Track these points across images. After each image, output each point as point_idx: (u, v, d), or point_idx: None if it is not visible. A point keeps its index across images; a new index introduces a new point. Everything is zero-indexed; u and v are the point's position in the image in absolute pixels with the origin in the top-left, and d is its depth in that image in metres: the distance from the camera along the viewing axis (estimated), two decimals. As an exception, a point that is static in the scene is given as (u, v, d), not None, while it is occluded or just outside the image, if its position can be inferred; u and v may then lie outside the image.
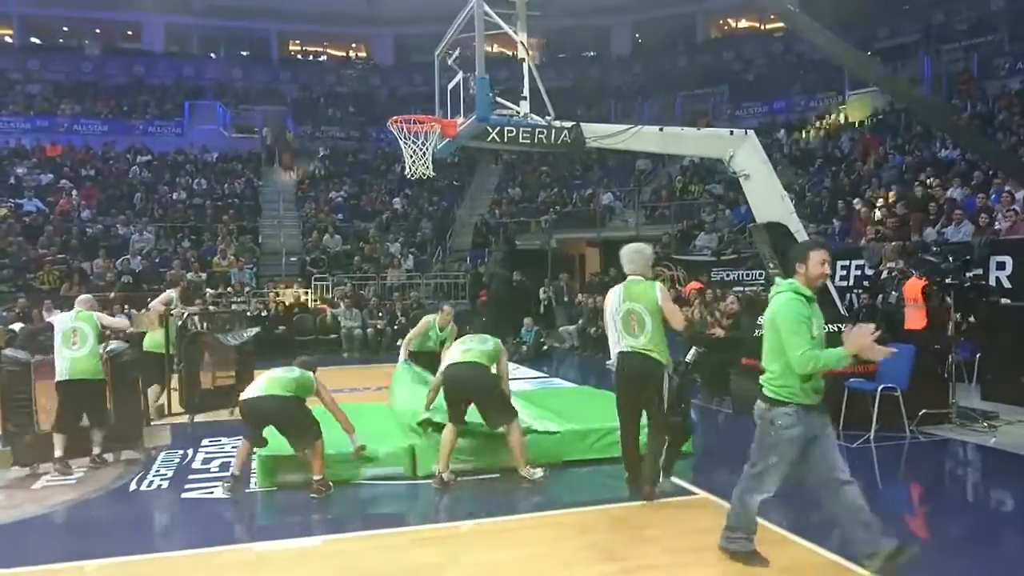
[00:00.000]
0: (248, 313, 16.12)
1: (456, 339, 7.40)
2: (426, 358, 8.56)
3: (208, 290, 16.99)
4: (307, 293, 18.46)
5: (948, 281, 8.31)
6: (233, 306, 16.69)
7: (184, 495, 6.31)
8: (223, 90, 31.27)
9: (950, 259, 8.39)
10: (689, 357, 6.44)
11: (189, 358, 9.11)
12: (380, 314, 17.00)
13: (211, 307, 13.38)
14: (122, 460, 7.45)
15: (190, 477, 6.77)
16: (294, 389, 6.13)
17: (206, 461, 7.32)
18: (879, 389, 7.72)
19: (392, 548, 5.08)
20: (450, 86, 7.96)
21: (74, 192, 23.17)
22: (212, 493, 6.27)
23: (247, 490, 6.35)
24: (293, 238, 22.60)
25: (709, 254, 16.62)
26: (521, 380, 11.76)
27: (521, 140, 7.72)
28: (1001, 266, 10.18)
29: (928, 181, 15.60)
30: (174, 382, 9.25)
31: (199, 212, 22.79)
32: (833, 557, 4.58)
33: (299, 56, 36.01)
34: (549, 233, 22.86)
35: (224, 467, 6.85)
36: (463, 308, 17.40)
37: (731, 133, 8.43)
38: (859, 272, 12.87)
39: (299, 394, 6.15)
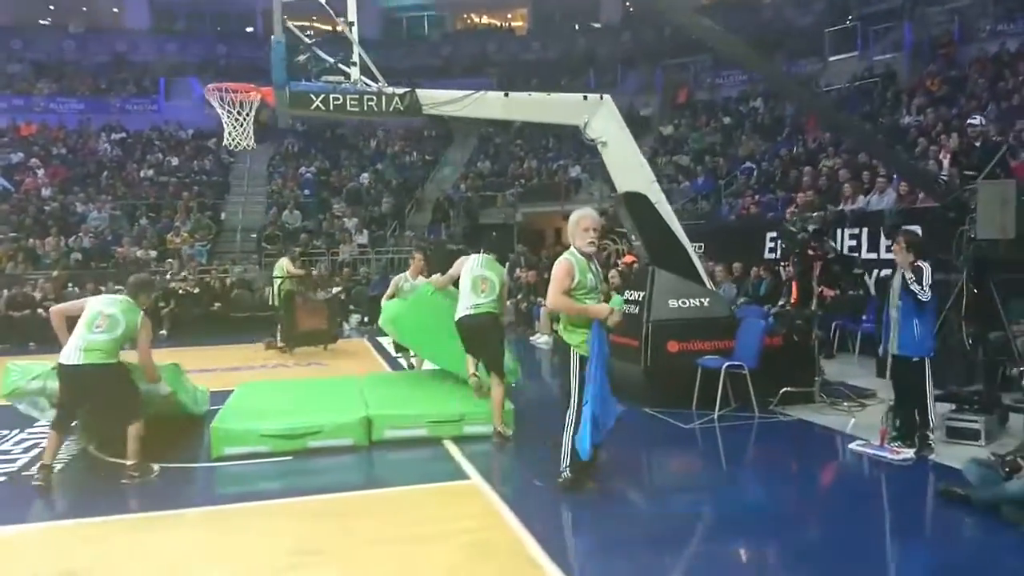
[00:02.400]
0: (180, 291, 16.08)
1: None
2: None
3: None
4: (246, 270, 18.28)
5: (811, 252, 7.84)
6: (172, 283, 16.65)
7: None
8: (206, 67, 31.09)
9: (808, 229, 7.90)
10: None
11: (287, 309, 12.93)
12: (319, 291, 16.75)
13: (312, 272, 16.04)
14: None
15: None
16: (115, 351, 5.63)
17: None
18: (724, 367, 7.32)
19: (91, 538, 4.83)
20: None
21: (40, 171, 23.19)
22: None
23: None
24: (257, 215, 22.43)
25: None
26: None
27: (349, 108, 7.34)
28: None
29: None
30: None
31: (162, 189, 22.71)
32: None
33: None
34: (515, 207, 22.49)
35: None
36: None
37: (585, 98, 7.96)
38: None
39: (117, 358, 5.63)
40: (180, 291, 16.08)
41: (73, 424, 6.27)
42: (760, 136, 20.72)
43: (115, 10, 34.59)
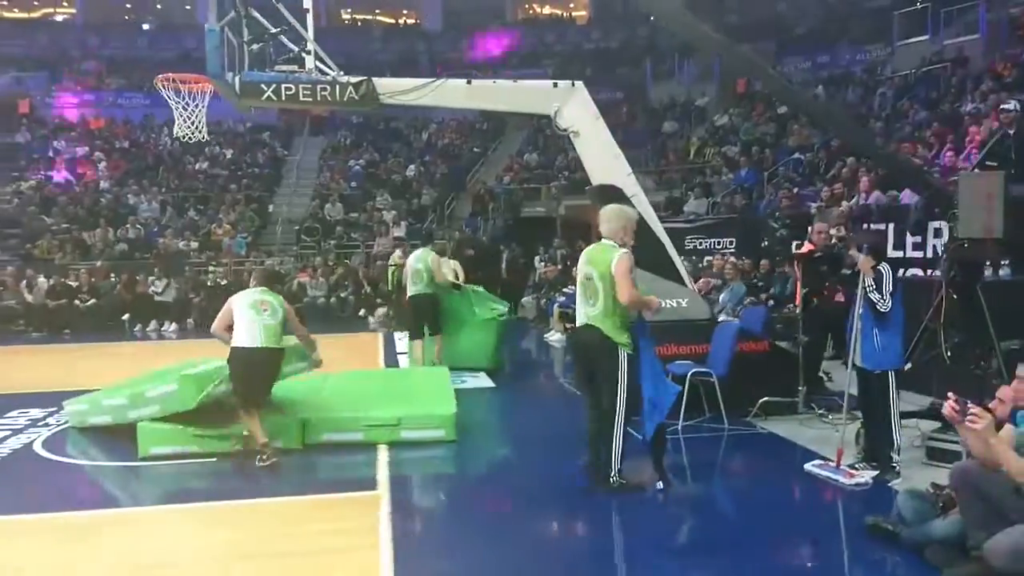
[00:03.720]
0: (208, 283, 16.33)
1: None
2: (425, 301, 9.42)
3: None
4: (282, 262, 18.45)
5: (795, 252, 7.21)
6: (208, 274, 16.94)
7: None
8: (267, 62, 31.65)
9: (787, 225, 7.26)
10: None
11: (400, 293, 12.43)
12: (346, 283, 16.77)
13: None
14: None
15: None
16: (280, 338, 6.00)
17: None
18: (690, 373, 6.78)
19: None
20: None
21: (102, 164, 24.02)
22: None
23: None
24: (302, 207, 22.65)
25: (684, 220, 15.40)
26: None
27: (302, 98, 7.14)
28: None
29: (931, 139, 13.88)
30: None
31: (213, 182, 23.17)
32: None
33: (348, 24, 36.16)
34: (558, 199, 22.01)
35: None
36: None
37: (555, 85, 7.52)
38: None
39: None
40: (208, 283, 16.30)
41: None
42: (815, 126, 19.62)
43: (187, 7, 35.67)
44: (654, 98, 26.97)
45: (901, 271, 9.51)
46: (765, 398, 7.15)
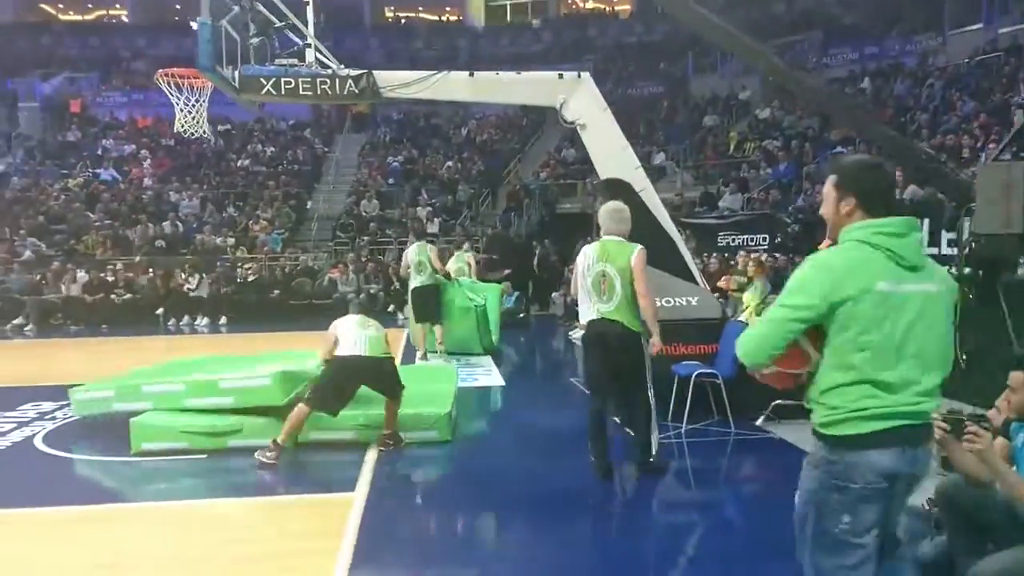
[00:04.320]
0: (238, 279, 16.48)
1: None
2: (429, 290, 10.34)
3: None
4: (316, 258, 18.56)
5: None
6: (238, 269, 17.10)
7: None
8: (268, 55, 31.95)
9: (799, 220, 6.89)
10: None
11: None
12: (376, 278, 16.76)
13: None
14: None
15: None
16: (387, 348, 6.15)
17: None
18: (694, 375, 6.51)
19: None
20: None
21: (147, 162, 24.51)
22: None
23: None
24: (340, 204, 22.76)
25: (717, 216, 14.99)
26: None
27: (302, 92, 7.04)
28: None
29: (975, 131, 13.28)
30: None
31: (253, 179, 23.44)
32: None
33: (391, 21, 36.33)
34: (593, 196, 21.70)
35: None
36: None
37: (560, 76, 7.29)
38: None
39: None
40: (238, 279, 16.46)
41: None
42: (819, 112, 18.92)
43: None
44: (696, 92, 26.44)
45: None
46: (777, 401, 6.83)
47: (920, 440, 2.42)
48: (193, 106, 7.23)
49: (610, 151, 7.34)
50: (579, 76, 7.27)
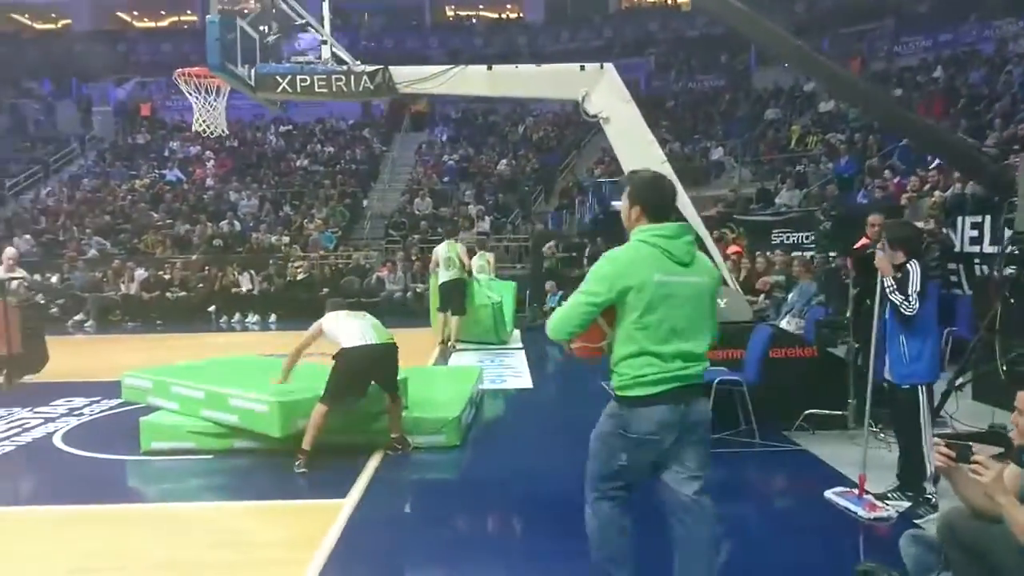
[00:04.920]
0: (288, 279, 16.64)
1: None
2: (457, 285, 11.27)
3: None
4: (367, 256, 18.62)
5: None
6: (289, 267, 17.27)
7: None
8: (372, 59, 32.24)
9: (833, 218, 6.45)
10: None
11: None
12: (419, 277, 16.69)
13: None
14: None
15: None
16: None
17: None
18: (715, 381, 6.14)
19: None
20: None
21: (210, 162, 25.09)
22: None
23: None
24: (394, 202, 22.85)
25: (772, 213, 14.38)
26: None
27: (318, 89, 6.96)
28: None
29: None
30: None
31: (310, 178, 23.73)
32: None
33: (452, 20, 36.41)
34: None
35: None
36: (518, 272, 16.67)
37: (582, 68, 7.01)
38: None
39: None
40: (288, 279, 16.62)
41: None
42: (931, 109, 18.02)
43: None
44: (758, 84, 25.62)
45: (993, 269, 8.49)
46: (810, 410, 6.43)
47: (690, 398, 3.02)
48: (211, 105, 7.17)
49: (634, 145, 7.05)
50: (601, 67, 6.98)
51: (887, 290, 4.54)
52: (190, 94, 7.18)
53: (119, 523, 4.71)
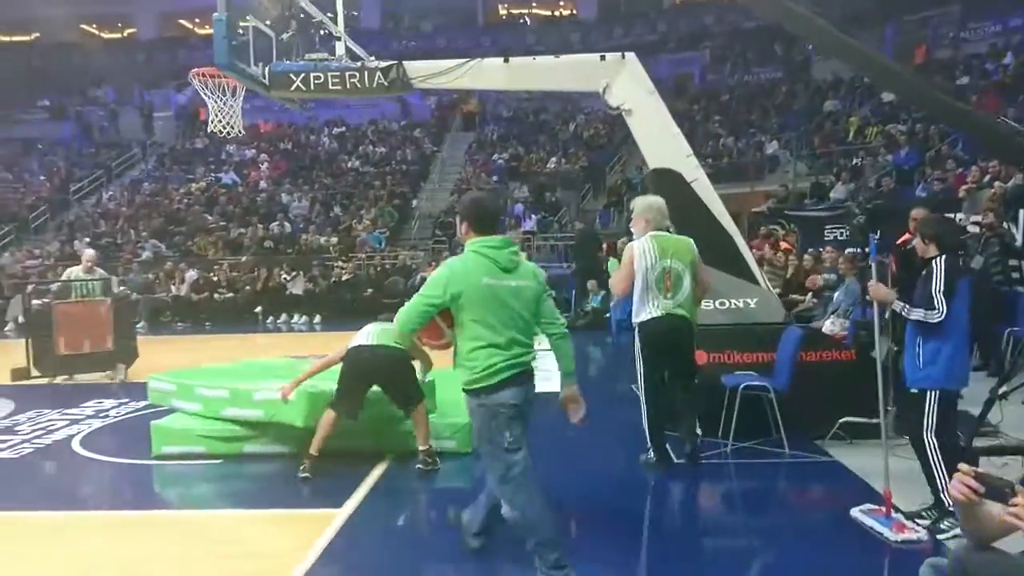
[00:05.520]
0: (333, 279, 16.69)
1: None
2: None
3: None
4: (414, 256, 18.58)
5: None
6: (335, 268, 17.34)
7: None
8: (423, 59, 32.33)
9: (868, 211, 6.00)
10: None
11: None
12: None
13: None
14: None
15: None
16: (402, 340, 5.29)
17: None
18: (741, 387, 5.79)
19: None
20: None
21: (264, 165, 25.46)
22: None
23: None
24: (443, 202, 22.78)
25: (825, 208, 13.75)
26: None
27: (332, 86, 6.79)
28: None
29: None
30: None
31: (361, 179, 23.85)
32: None
33: (505, 19, 36.24)
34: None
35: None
36: (564, 271, 16.39)
37: (603, 58, 6.70)
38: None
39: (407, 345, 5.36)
40: (333, 279, 16.67)
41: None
42: (1001, 96, 17.04)
43: (354, 13, 37.27)
44: (818, 75, 24.73)
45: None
46: (846, 418, 6.00)
47: (528, 380, 3.65)
48: (227, 105, 7.11)
49: (659, 138, 6.70)
50: (623, 57, 6.66)
51: (902, 313, 4.19)
52: (206, 95, 7.10)
53: (108, 528, 4.66)
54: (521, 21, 36.22)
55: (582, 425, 3.91)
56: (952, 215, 9.31)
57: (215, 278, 16.93)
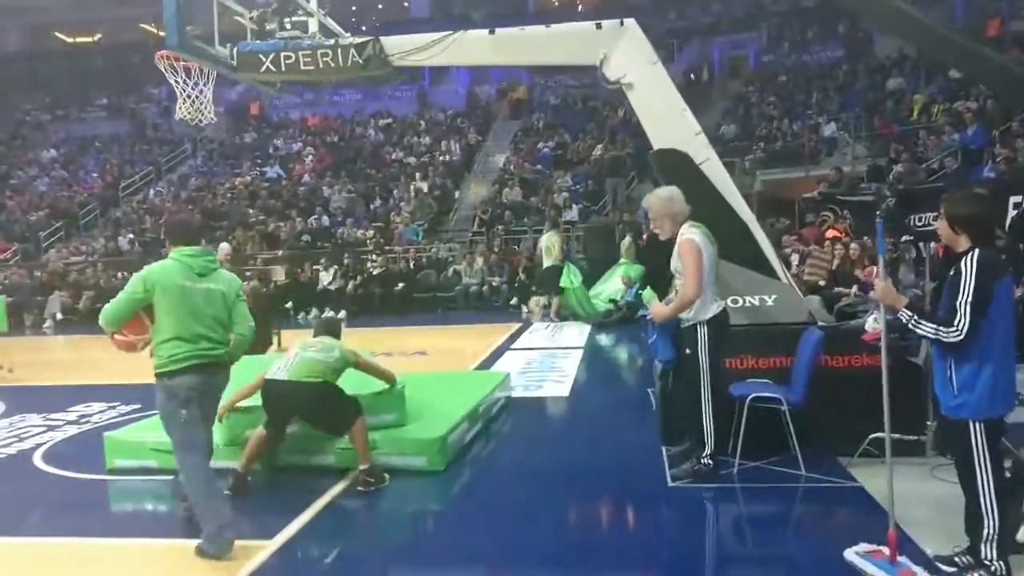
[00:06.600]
0: (365, 273, 16.26)
1: None
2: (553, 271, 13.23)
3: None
4: (451, 249, 18.05)
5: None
6: (368, 262, 16.91)
7: None
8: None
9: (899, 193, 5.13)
10: None
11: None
12: (496, 270, 15.91)
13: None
14: None
15: None
16: (327, 374, 5.03)
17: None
18: (748, 399, 5.00)
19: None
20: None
21: (309, 159, 25.28)
22: None
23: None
24: (485, 193, 22.20)
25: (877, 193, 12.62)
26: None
27: (303, 66, 6.22)
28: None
29: None
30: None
31: (403, 170, 23.41)
32: None
33: (557, 6, 35.43)
34: (752, 174, 19.59)
35: None
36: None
37: (598, 27, 5.95)
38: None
39: (331, 379, 5.06)
40: (365, 273, 16.25)
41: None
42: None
43: (405, 4, 37.02)
44: (880, 53, 23.24)
45: None
46: (877, 434, 5.15)
47: (213, 370, 4.18)
48: (196, 91, 6.62)
49: (663, 114, 5.94)
50: (621, 24, 5.92)
51: (909, 325, 3.40)
52: (175, 81, 6.62)
53: (19, 558, 4.18)
54: (574, 7, 35.32)
55: None
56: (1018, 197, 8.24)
57: (248, 273, 16.67)
